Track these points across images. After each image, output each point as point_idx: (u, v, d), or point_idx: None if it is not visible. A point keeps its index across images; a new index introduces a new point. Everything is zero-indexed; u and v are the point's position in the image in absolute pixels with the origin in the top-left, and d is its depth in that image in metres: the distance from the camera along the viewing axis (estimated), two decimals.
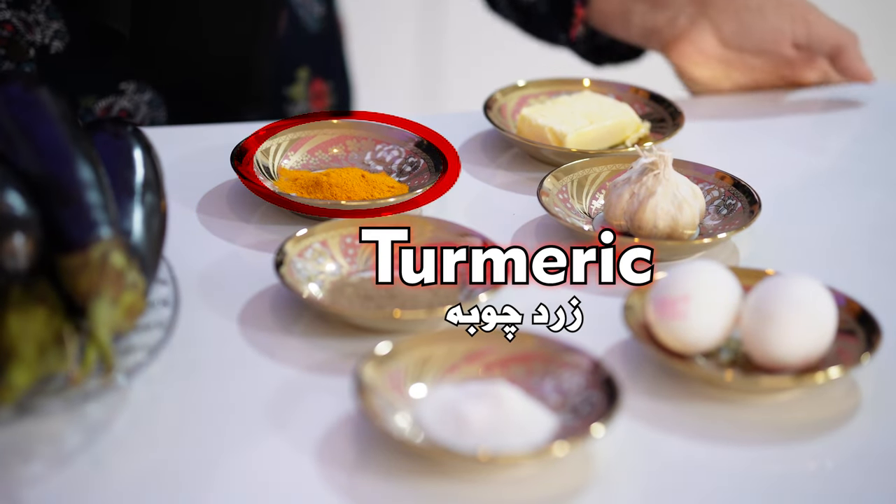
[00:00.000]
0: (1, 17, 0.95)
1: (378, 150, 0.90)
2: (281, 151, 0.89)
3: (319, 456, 0.62)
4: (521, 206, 0.85)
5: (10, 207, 0.61)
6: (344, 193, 0.84)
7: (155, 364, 0.65)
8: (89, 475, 0.60)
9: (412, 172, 0.87)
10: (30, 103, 0.67)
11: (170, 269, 0.71)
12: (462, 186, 0.89)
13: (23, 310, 0.61)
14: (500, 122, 0.93)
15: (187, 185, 0.85)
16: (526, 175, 0.90)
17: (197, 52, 1.02)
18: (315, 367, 0.69)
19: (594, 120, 0.91)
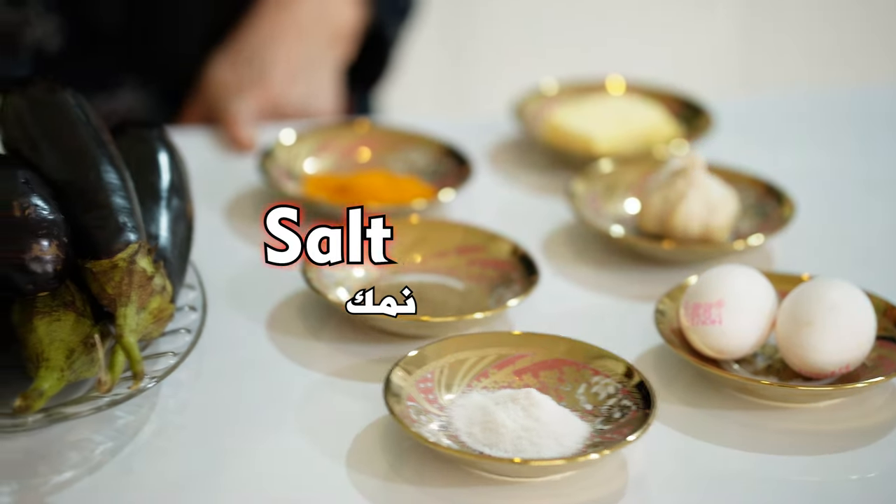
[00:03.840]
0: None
1: (405, 153, 0.89)
2: (308, 155, 0.88)
3: (350, 462, 0.62)
4: (550, 210, 0.85)
5: (38, 212, 0.60)
6: (371, 197, 0.83)
7: (183, 369, 0.64)
8: (118, 480, 0.59)
9: (440, 176, 0.87)
10: (54, 107, 0.67)
11: (197, 274, 0.71)
12: (490, 190, 0.88)
13: (51, 315, 0.60)
14: (529, 125, 0.92)
15: (213, 189, 0.84)
16: (555, 178, 0.89)
17: (195, 50, 1.02)
18: (344, 373, 0.69)
19: (624, 122, 0.90)
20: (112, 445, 0.61)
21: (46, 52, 0.98)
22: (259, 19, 1.02)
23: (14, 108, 0.67)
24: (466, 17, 1.95)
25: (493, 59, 1.95)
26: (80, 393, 0.62)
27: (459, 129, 0.94)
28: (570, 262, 0.80)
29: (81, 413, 0.60)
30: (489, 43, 1.95)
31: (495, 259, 0.76)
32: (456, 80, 1.98)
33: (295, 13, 1.02)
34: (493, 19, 1.95)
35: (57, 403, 0.60)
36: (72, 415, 0.60)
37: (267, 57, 0.99)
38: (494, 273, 0.75)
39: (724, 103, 0.99)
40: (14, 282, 0.60)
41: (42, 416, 0.59)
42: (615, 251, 0.80)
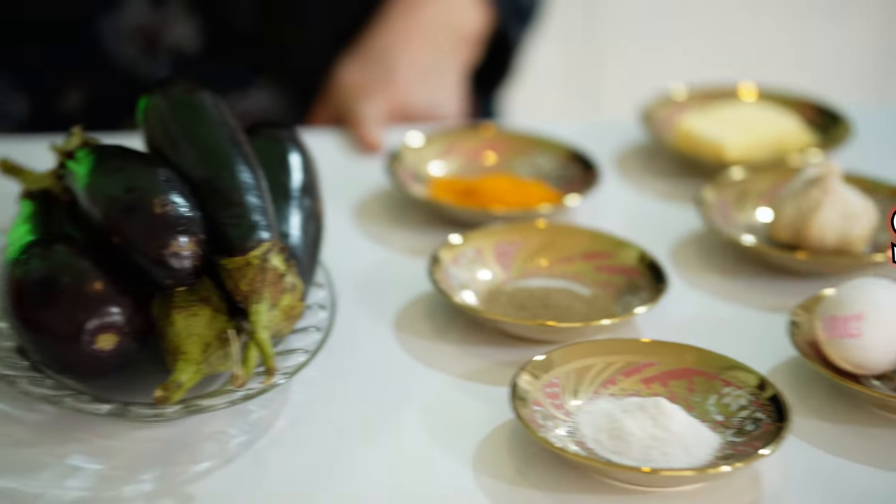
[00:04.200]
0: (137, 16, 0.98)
1: (531, 157, 0.89)
2: (434, 158, 0.89)
3: (477, 465, 0.62)
4: (679, 217, 0.83)
5: (176, 209, 0.62)
6: (496, 201, 0.83)
7: (312, 366, 0.65)
8: (252, 472, 0.61)
9: (566, 181, 0.86)
10: (193, 107, 0.69)
11: (326, 273, 0.71)
12: (617, 195, 0.87)
13: (188, 310, 0.62)
14: (657, 130, 0.91)
15: (342, 190, 0.86)
16: (683, 185, 0.88)
17: (325, 51, 1.03)
18: (470, 375, 0.69)
19: (756, 129, 0.88)
20: (246, 438, 0.62)
21: (184, 52, 1.01)
22: (386, 22, 1.03)
23: (155, 109, 0.69)
24: (593, 19, 1.93)
25: (620, 63, 1.93)
26: (215, 386, 0.64)
27: (586, 133, 0.93)
28: (699, 271, 0.79)
29: (217, 406, 0.61)
30: (616, 46, 1.93)
31: (622, 265, 0.75)
32: (582, 84, 1.96)
33: (421, 16, 1.03)
34: (621, 22, 1.93)
35: (194, 396, 0.62)
36: (208, 407, 0.61)
37: (394, 60, 1.00)
38: (621, 280, 0.74)
39: (861, 111, 0.97)
40: (154, 276, 0.61)
41: (180, 407, 0.61)
42: (745, 260, 0.79)
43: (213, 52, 1.01)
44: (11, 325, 0.62)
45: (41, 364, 0.62)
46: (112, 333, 0.60)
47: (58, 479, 0.59)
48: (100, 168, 0.64)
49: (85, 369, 0.61)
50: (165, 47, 1.01)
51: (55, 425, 0.62)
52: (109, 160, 0.65)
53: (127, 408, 0.61)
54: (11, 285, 0.61)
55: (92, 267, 0.61)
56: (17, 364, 0.62)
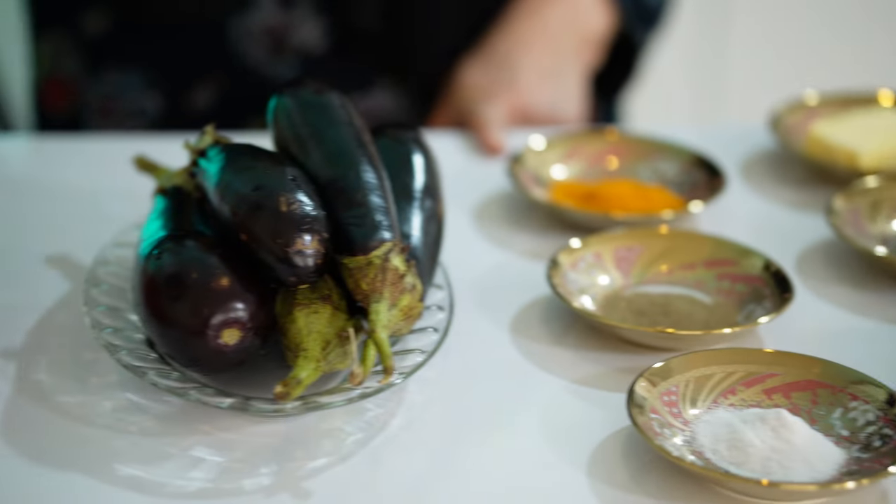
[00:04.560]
0: (267, 17, 1.00)
1: (654, 163, 0.88)
2: (556, 161, 0.88)
3: (591, 471, 0.61)
4: (807, 226, 0.81)
5: (302, 208, 0.63)
6: (618, 206, 0.82)
7: (429, 367, 0.66)
8: (367, 470, 0.61)
9: (689, 187, 0.85)
10: (320, 108, 0.70)
11: (445, 275, 0.72)
12: (742, 203, 0.86)
13: (309, 307, 0.63)
14: (787, 137, 0.89)
15: (463, 192, 0.86)
16: (813, 193, 0.85)
17: (448, 53, 1.04)
18: (586, 380, 0.68)
19: (892, 137, 0.85)
20: (362, 436, 0.63)
21: (310, 52, 1.03)
22: (510, 24, 1.03)
23: (284, 109, 0.70)
24: (722, 19, 1.90)
25: (747, 68, 1.89)
26: (332, 384, 0.65)
27: (710, 138, 0.92)
28: (827, 282, 0.77)
29: (335, 403, 0.62)
30: (743, 50, 1.89)
31: (746, 274, 0.74)
32: (706, 88, 1.93)
33: (545, 19, 1.02)
34: (748, 24, 1.89)
35: (312, 392, 0.63)
36: (326, 404, 0.62)
37: (517, 62, 1.00)
38: (745, 288, 0.73)
39: None
40: (278, 273, 0.63)
41: (299, 403, 0.62)
42: (877, 272, 0.76)
43: (338, 52, 1.03)
44: (141, 318, 0.64)
45: (168, 356, 0.64)
46: (236, 329, 0.62)
47: (182, 470, 0.60)
48: (230, 166, 0.66)
49: (209, 363, 0.63)
50: (292, 48, 1.03)
51: (180, 417, 0.63)
52: (239, 159, 0.66)
53: (248, 402, 0.62)
54: (143, 279, 0.63)
55: (220, 263, 0.62)
56: (146, 356, 0.64)
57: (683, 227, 0.81)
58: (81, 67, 1.06)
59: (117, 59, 1.05)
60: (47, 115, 1.11)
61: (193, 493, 0.59)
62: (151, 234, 0.67)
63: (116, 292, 0.69)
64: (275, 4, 1.01)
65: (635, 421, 0.61)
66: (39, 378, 0.66)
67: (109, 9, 1.04)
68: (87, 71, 1.06)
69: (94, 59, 1.05)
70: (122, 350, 0.64)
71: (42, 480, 0.59)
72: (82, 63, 1.06)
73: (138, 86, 1.05)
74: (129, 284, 0.68)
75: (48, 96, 1.10)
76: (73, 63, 1.07)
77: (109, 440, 0.62)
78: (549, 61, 1.01)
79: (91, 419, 0.63)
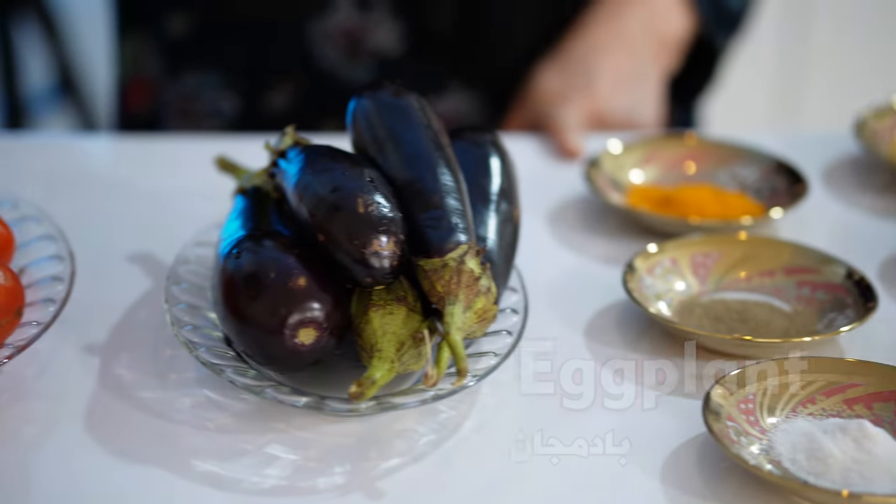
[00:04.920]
0: (344, 20, 1.01)
1: (734, 168, 0.87)
2: (634, 165, 0.88)
3: (665, 477, 0.61)
4: (891, 234, 0.80)
5: (379, 210, 0.63)
6: (696, 211, 0.81)
7: (502, 370, 0.65)
8: (439, 471, 0.61)
9: (769, 193, 0.84)
10: (399, 110, 0.70)
11: (520, 278, 0.72)
12: (824, 210, 0.84)
13: (385, 308, 0.63)
14: (872, 143, 0.87)
15: (538, 195, 0.86)
16: None
17: (523, 57, 1.03)
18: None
19: None
20: (434, 438, 0.63)
21: (386, 55, 1.03)
22: (587, 28, 1.02)
23: (363, 111, 0.71)
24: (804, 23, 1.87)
25: (829, 72, 1.86)
26: (406, 385, 0.65)
27: (791, 144, 0.91)
28: None
29: (408, 404, 0.62)
30: (828, 52, 1.86)
31: (827, 282, 0.72)
32: (790, 91, 1.90)
33: (623, 23, 1.02)
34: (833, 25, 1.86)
35: (386, 393, 0.63)
36: (399, 405, 0.62)
37: (593, 67, 1.00)
38: (826, 296, 0.72)
39: None
40: (354, 274, 0.63)
41: (373, 403, 0.62)
42: None
43: (414, 55, 1.03)
44: (220, 316, 0.65)
45: (245, 354, 0.65)
46: (312, 328, 0.62)
47: (257, 467, 0.61)
48: (309, 167, 0.66)
49: (285, 362, 0.63)
50: (368, 50, 1.03)
51: (256, 414, 0.64)
52: (318, 160, 0.67)
53: (323, 401, 0.62)
54: (222, 278, 0.64)
55: (297, 264, 0.63)
56: (224, 354, 0.65)
57: (763, 233, 0.80)
58: (162, 68, 1.08)
59: (196, 60, 1.06)
60: (129, 115, 1.13)
61: (268, 489, 0.60)
62: (231, 233, 0.68)
63: (196, 290, 0.70)
64: (352, 7, 1.02)
65: (711, 428, 0.60)
66: (121, 373, 0.67)
67: (191, 11, 1.06)
68: (167, 72, 1.08)
69: (174, 61, 1.07)
70: (201, 347, 0.65)
71: (121, 474, 0.60)
72: (163, 64, 1.08)
73: (216, 87, 1.06)
74: (208, 283, 0.70)
75: (130, 96, 1.13)
76: (154, 64, 1.09)
77: (187, 436, 0.63)
78: (627, 66, 1.00)
79: (170, 415, 0.64)
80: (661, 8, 1.02)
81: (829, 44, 1.87)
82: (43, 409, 0.64)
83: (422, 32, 1.03)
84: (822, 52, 1.87)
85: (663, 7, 1.03)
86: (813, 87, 1.89)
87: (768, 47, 1.82)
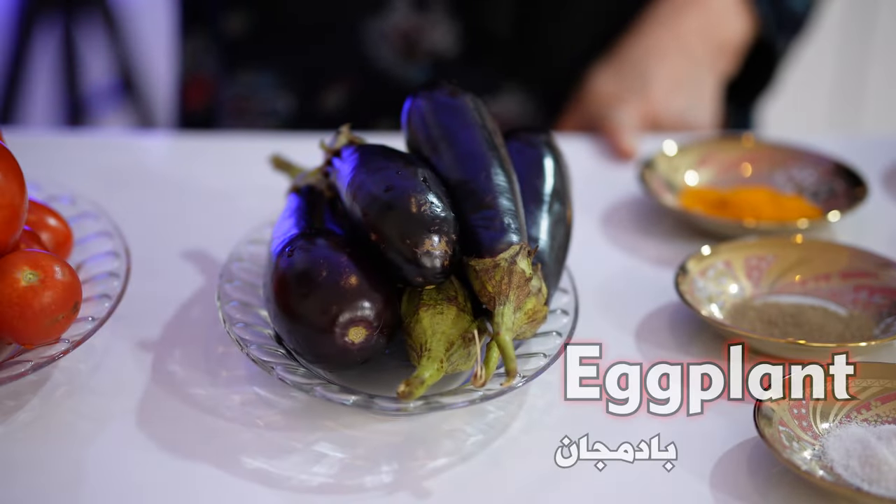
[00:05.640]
0: (401, 21, 1.01)
1: (791, 171, 0.85)
2: (689, 167, 0.87)
3: (714, 481, 0.60)
4: None
5: (432, 209, 0.63)
6: (751, 214, 0.80)
7: (552, 371, 0.65)
8: (487, 471, 0.61)
9: (827, 196, 0.83)
10: (455, 110, 0.70)
11: (571, 279, 0.71)
12: (883, 214, 0.83)
13: (435, 308, 0.63)
14: None
15: (591, 196, 0.85)
16: None
17: (579, 59, 1.03)
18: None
19: None
20: (482, 438, 0.63)
21: (441, 56, 1.03)
22: (644, 31, 1.01)
23: (418, 110, 0.71)
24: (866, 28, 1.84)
25: (891, 74, 1.83)
26: (454, 385, 0.65)
27: (850, 148, 0.89)
28: None
29: (456, 404, 0.62)
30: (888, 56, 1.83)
31: (886, 286, 0.71)
32: (849, 94, 1.87)
33: (680, 27, 1.01)
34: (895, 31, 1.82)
35: (435, 393, 0.63)
36: (448, 405, 0.62)
37: (649, 69, 0.99)
38: (884, 301, 0.71)
39: None
40: (405, 274, 0.63)
41: (422, 403, 0.62)
42: None
43: (468, 56, 1.03)
44: (271, 314, 0.66)
45: (295, 352, 0.65)
46: (363, 327, 0.62)
47: (305, 465, 0.61)
48: (363, 166, 0.66)
49: (335, 360, 0.64)
50: (423, 51, 1.04)
51: (305, 412, 0.64)
52: (372, 159, 0.67)
53: (372, 400, 0.63)
54: (274, 276, 0.65)
55: (349, 262, 0.63)
56: (275, 351, 0.66)
57: (819, 237, 0.79)
58: (219, 67, 1.09)
59: (253, 60, 1.07)
60: (187, 113, 1.14)
61: (316, 487, 0.60)
62: (284, 231, 0.69)
63: (248, 288, 0.71)
64: (409, 8, 1.02)
65: (763, 433, 0.59)
66: (173, 369, 0.68)
67: (249, 11, 1.07)
68: (224, 71, 1.09)
69: (231, 60, 1.08)
70: (252, 345, 0.65)
71: (172, 469, 0.61)
72: (220, 63, 1.09)
73: (271, 86, 1.07)
74: (260, 281, 0.70)
75: (189, 95, 1.14)
76: (212, 63, 1.10)
77: (237, 433, 0.63)
78: (683, 69, 1.00)
79: (220, 412, 0.64)
80: (718, 11, 1.01)
81: (891, 45, 1.83)
82: (97, 404, 0.65)
83: (478, 34, 1.03)
84: (884, 53, 1.84)
85: (721, 10, 1.01)
86: (874, 90, 1.86)
87: (829, 48, 1.79)
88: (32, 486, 0.59)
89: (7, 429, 0.62)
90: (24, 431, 0.62)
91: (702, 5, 1.01)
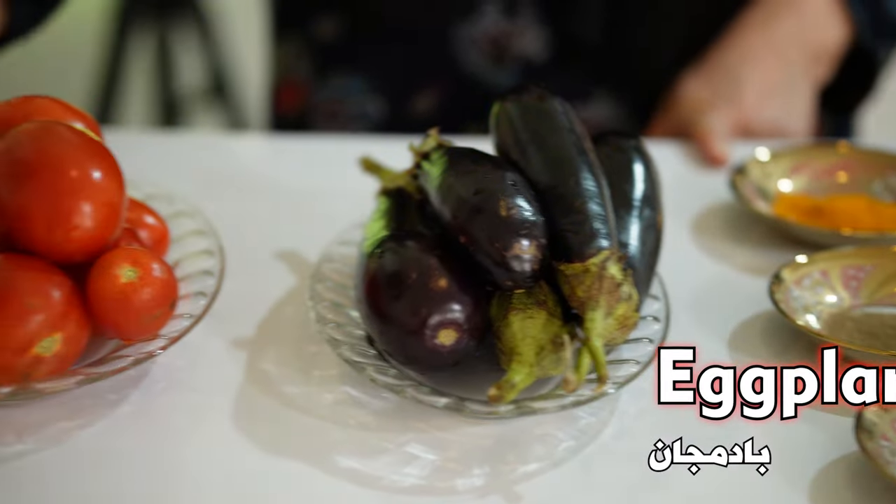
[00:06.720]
0: (490, 26, 1.01)
1: (888, 179, 0.84)
2: (782, 174, 0.86)
3: (813, 496, 0.59)
4: None
5: (521, 213, 0.63)
6: (848, 222, 0.79)
7: (644, 378, 0.65)
8: (578, 478, 0.61)
9: None
10: (543, 114, 0.70)
11: (662, 285, 0.71)
12: None
13: (525, 312, 0.63)
14: None
15: (682, 202, 0.84)
16: None
17: (670, 65, 1.02)
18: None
19: None
20: (574, 444, 0.63)
21: (530, 61, 1.03)
22: (736, 36, 1.00)
23: (507, 114, 0.71)
24: None
25: None
26: (545, 390, 0.65)
27: None
28: None
29: (548, 409, 0.62)
30: None
31: None
32: None
33: (773, 33, 1.00)
34: None
35: (525, 397, 0.63)
36: (539, 409, 0.62)
37: (741, 75, 0.98)
38: None
39: None
40: (495, 277, 0.63)
41: (513, 407, 0.62)
42: None
43: (558, 62, 1.03)
44: (362, 315, 0.66)
45: (386, 353, 0.65)
46: (453, 330, 0.63)
47: (397, 465, 0.62)
48: (451, 170, 0.67)
49: (425, 362, 0.64)
50: (512, 56, 1.04)
51: (397, 413, 0.65)
52: (461, 162, 0.67)
53: (463, 403, 0.63)
54: (365, 277, 0.65)
55: (439, 265, 0.63)
56: (366, 352, 0.66)
57: None
58: (311, 71, 1.11)
59: (344, 64, 1.08)
60: (280, 116, 1.16)
61: (407, 488, 0.60)
62: (374, 233, 0.69)
63: (339, 289, 0.71)
64: (499, 13, 1.03)
65: (864, 447, 0.58)
66: (267, 368, 0.68)
67: (341, 15, 1.08)
68: (315, 75, 1.10)
69: (324, 64, 1.09)
70: (344, 345, 0.66)
71: (265, 466, 0.62)
72: (313, 67, 1.11)
73: (362, 90, 1.08)
74: (351, 281, 0.71)
75: (282, 98, 1.15)
76: (304, 67, 1.12)
77: (329, 432, 0.64)
78: (777, 77, 0.98)
79: (313, 410, 0.65)
80: (814, 15, 1.00)
81: None
82: (193, 401, 0.66)
83: (567, 39, 1.03)
84: None
85: (817, 14, 1.00)
86: None
87: None
88: (133, 476, 0.61)
89: (110, 421, 0.64)
90: (126, 423, 0.64)
91: (796, 10, 1.00)
